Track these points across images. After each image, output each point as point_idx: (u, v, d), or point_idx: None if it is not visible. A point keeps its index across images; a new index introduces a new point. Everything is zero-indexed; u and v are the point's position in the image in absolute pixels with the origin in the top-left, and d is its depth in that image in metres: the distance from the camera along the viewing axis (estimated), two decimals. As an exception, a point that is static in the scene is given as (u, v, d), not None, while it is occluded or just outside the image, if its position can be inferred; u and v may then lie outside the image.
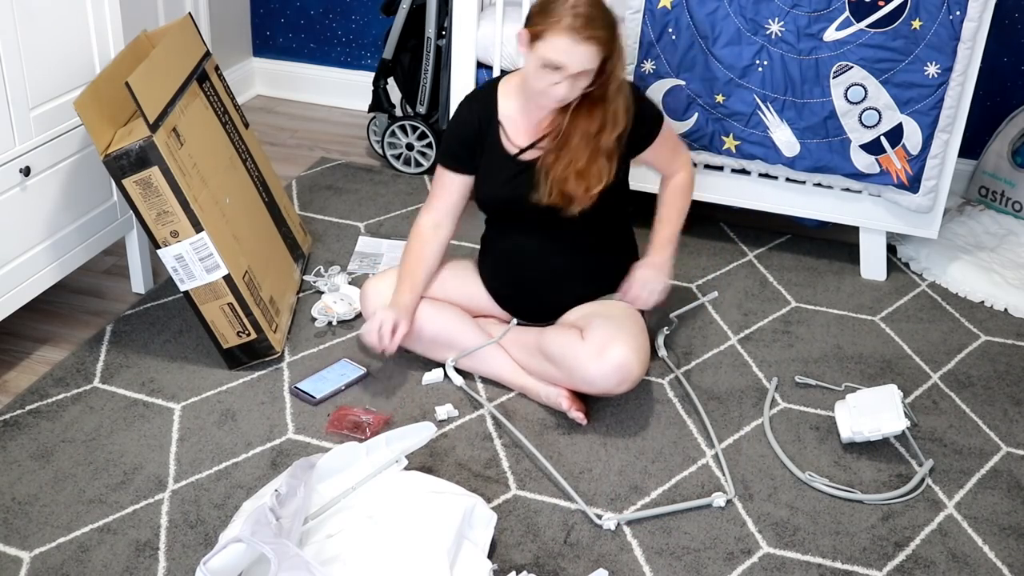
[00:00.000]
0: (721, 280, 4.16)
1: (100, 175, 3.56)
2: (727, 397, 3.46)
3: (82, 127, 3.41)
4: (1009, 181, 4.68)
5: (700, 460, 3.15)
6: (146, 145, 3.13)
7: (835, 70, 3.80)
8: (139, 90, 3.13)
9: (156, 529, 2.79)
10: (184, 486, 2.95)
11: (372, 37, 5.62)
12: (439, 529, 2.56)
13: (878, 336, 3.84)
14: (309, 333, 3.66)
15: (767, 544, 2.86)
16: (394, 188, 4.81)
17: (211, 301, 3.32)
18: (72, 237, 3.49)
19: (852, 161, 3.93)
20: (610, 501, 2.97)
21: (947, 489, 3.10)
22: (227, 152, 3.67)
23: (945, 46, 3.70)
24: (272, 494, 2.46)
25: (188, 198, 3.20)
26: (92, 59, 3.48)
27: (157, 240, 3.24)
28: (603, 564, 2.74)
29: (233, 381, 3.40)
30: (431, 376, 3.44)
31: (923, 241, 4.37)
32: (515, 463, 3.10)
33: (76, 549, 2.71)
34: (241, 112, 3.94)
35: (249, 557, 2.38)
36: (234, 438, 3.15)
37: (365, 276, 4.01)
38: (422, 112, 4.91)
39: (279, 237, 3.86)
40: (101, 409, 3.24)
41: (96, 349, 3.51)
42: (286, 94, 5.91)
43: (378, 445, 2.80)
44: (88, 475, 2.97)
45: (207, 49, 3.80)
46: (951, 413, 3.44)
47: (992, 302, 4.08)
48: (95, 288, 3.92)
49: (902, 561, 2.82)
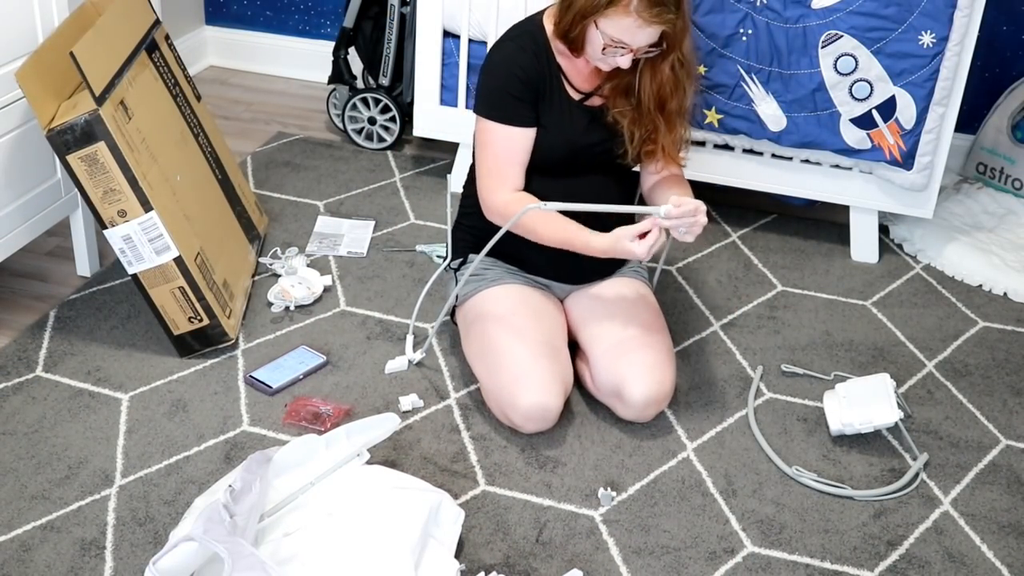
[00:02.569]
0: (703, 262, 4.17)
1: (43, 151, 3.55)
2: (709, 387, 3.47)
3: (24, 100, 3.40)
4: (1008, 157, 4.70)
5: (680, 454, 3.16)
6: (92, 119, 3.12)
7: (824, 39, 3.80)
8: (84, 61, 3.12)
9: (102, 527, 2.79)
10: (132, 481, 2.94)
11: (332, 4, 5.61)
12: (403, 527, 2.57)
13: (869, 322, 3.86)
14: (265, 319, 3.66)
15: (751, 543, 2.87)
16: (355, 165, 4.81)
17: (161, 285, 3.31)
18: (13, 217, 3.48)
19: (842, 136, 3.94)
20: (584, 497, 2.98)
21: (943, 484, 3.12)
22: (178, 127, 3.66)
23: (940, 14, 3.71)
24: (226, 490, 2.45)
25: (136, 175, 3.19)
26: (35, 27, 3.46)
27: (104, 220, 3.23)
28: (577, 564, 2.75)
29: (184, 370, 3.40)
30: (394, 365, 3.44)
31: (917, 221, 4.38)
32: (484, 457, 3.10)
33: (18, 548, 2.70)
34: (193, 84, 3.93)
35: (201, 557, 2.37)
36: (185, 430, 3.14)
37: (324, 258, 4.01)
38: (385, 84, 4.90)
39: (233, 217, 3.85)
40: (44, 399, 3.23)
41: (39, 336, 3.51)
42: (240, 65, 5.89)
43: (338, 438, 2.79)
44: (30, 470, 2.96)
45: (156, 17, 3.78)
46: (947, 404, 3.46)
47: (990, 286, 4.10)
48: (37, 271, 3.90)
49: (895, 561, 2.84)
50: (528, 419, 3.11)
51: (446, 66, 4.32)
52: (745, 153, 4.17)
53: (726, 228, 4.43)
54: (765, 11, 3.80)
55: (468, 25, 4.20)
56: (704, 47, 3.89)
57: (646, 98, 3.21)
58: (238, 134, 5.07)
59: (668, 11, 2.97)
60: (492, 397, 3.21)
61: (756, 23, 3.83)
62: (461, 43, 4.24)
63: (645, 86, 3.20)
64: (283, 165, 4.76)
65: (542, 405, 3.09)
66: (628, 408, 3.19)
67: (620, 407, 3.22)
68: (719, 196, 4.53)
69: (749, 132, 4.02)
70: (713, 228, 4.41)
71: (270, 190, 4.53)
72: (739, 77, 3.92)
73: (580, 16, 3.04)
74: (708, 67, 3.92)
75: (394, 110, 4.86)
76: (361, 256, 4.05)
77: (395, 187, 4.61)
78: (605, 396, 3.26)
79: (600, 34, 3.03)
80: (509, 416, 3.15)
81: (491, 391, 3.21)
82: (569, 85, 3.26)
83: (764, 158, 4.16)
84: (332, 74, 5.02)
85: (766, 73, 3.89)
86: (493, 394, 3.20)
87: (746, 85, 3.92)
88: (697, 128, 4.06)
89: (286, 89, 5.68)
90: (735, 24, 3.84)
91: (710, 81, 3.95)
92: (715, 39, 3.87)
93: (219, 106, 5.37)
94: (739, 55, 3.88)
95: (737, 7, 3.82)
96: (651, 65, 3.17)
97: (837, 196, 4.18)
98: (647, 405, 3.18)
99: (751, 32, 3.84)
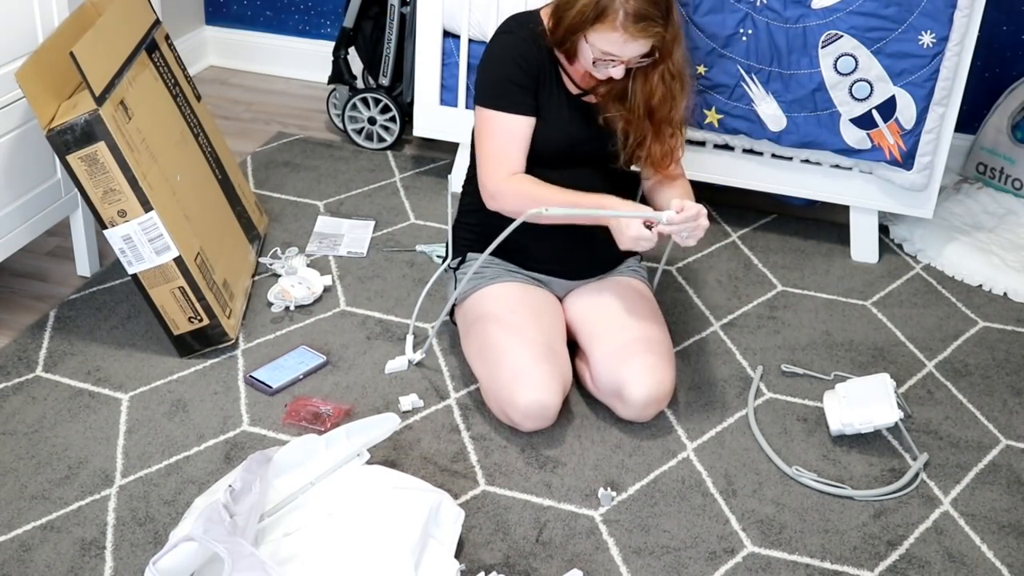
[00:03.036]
0: (703, 262, 4.17)
1: (43, 151, 3.55)
2: (709, 387, 3.47)
3: (24, 100, 3.40)
4: (1008, 157, 4.70)
5: (680, 454, 3.17)
6: (92, 119, 3.12)
7: (824, 39, 3.80)
8: (84, 61, 3.12)
9: (102, 527, 2.79)
10: (132, 481, 2.94)
11: (332, 4, 5.61)
12: (403, 527, 2.57)
13: (869, 322, 3.86)
14: (265, 319, 3.66)
15: (751, 543, 2.87)
16: (355, 165, 4.81)
17: (161, 285, 3.32)
18: (13, 217, 3.48)
19: (842, 136, 3.94)
20: (584, 497, 2.98)
21: (943, 484, 3.12)
22: (178, 127, 3.66)
23: (940, 14, 3.71)
24: (226, 490, 2.45)
25: (136, 175, 3.19)
26: (35, 27, 3.46)
27: (104, 220, 3.23)
28: (577, 564, 2.75)
29: (184, 370, 3.40)
30: (394, 365, 3.44)
31: (917, 221, 4.38)
32: (484, 457, 3.10)
33: (18, 548, 2.70)
34: (193, 84, 3.93)
35: (201, 557, 2.37)
36: (185, 430, 3.15)
37: (324, 258, 4.01)
38: (385, 84, 4.90)
39: (233, 217, 3.85)
40: (44, 399, 3.23)
41: (39, 336, 3.51)
42: (240, 65, 5.89)
43: (338, 438, 2.79)
44: (30, 469, 2.96)
45: (156, 17, 3.78)
46: (947, 404, 3.46)
47: (990, 286, 4.10)
48: (38, 271, 3.90)
49: (895, 561, 2.84)
50: (527, 417, 3.11)
51: (446, 66, 4.31)
52: (745, 153, 4.17)
53: (726, 228, 4.43)
54: (765, 11, 3.80)
55: (468, 25, 4.20)
56: (704, 47, 3.89)
57: (637, 104, 3.23)
58: (238, 134, 5.07)
59: (655, 24, 3.00)
60: (491, 395, 3.21)
61: (756, 23, 3.83)
62: (461, 43, 4.24)
63: (637, 92, 3.22)
64: (283, 165, 4.76)
65: (541, 403, 3.09)
66: (628, 408, 3.19)
67: (620, 407, 3.22)
68: (719, 196, 4.53)
69: (749, 132, 4.02)
70: (713, 228, 4.41)
71: (270, 190, 4.53)
72: (739, 77, 3.92)
73: (570, 31, 3.09)
74: (708, 67, 3.92)
75: (394, 110, 4.86)
76: (361, 256, 4.05)
77: (395, 187, 4.61)
78: (605, 396, 3.26)
79: (590, 47, 3.06)
80: (508, 414, 3.15)
81: (490, 389, 3.21)
82: (568, 78, 3.28)
83: (764, 158, 4.16)
84: (332, 74, 5.02)
85: (766, 73, 3.89)
86: (492, 392, 3.20)
87: (746, 85, 3.92)
88: (697, 128, 4.06)
89: (286, 89, 5.68)
90: (735, 24, 3.84)
91: (710, 81, 3.95)
92: (715, 39, 3.87)
93: (219, 106, 5.37)
94: (739, 55, 3.88)
95: (737, 7, 3.82)
96: (643, 74, 3.20)
97: (837, 196, 4.18)
98: (647, 405, 3.18)
99: (751, 32, 3.84)
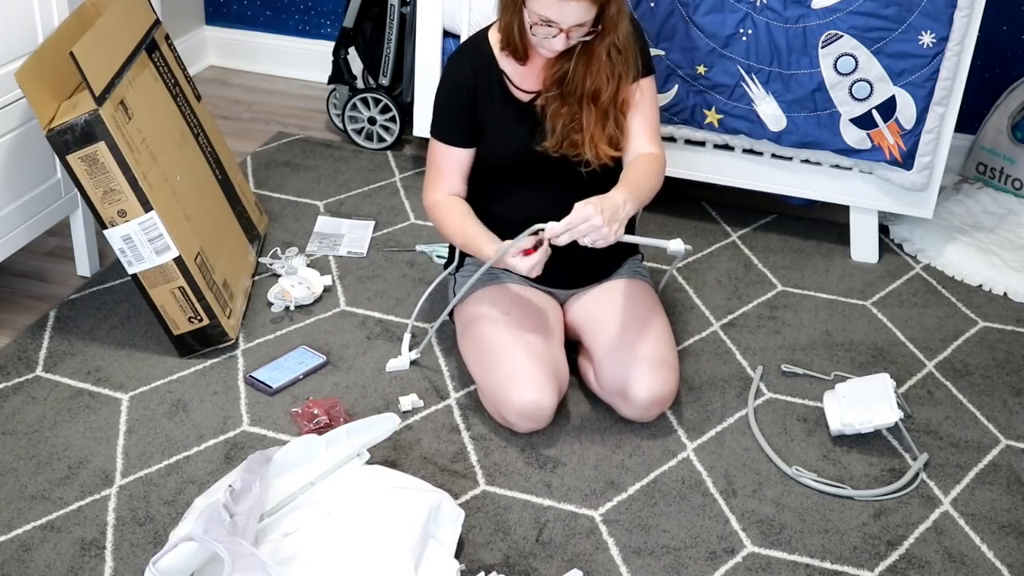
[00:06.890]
0: (703, 262, 4.17)
1: (43, 151, 3.55)
2: (709, 387, 3.47)
3: (23, 100, 3.40)
4: (1009, 157, 4.70)
5: (680, 454, 3.17)
6: (92, 119, 3.12)
7: (824, 39, 3.80)
8: (84, 61, 3.12)
9: (102, 527, 2.79)
10: (132, 481, 2.95)
11: (332, 4, 5.61)
12: (403, 527, 2.57)
13: (869, 322, 3.86)
14: (265, 319, 3.66)
15: (751, 543, 2.87)
16: (355, 165, 4.81)
17: (161, 285, 3.32)
18: (13, 217, 3.48)
19: (842, 136, 3.94)
20: (584, 497, 2.98)
21: (943, 484, 3.12)
22: (178, 127, 3.66)
23: (940, 14, 3.71)
24: (226, 490, 2.45)
25: (136, 175, 3.19)
26: (35, 27, 3.46)
27: (104, 220, 3.23)
28: (577, 564, 2.75)
29: (184, 370, 3.40)
30: (395, 364, 3.44)
31: (917, 221, 4.38)
32: (484, 457, 3.10)
33: (18, 548, 2.71)
34: (193, 84, 3.93)
35: (201, 557, 2.37)
36: (185, 430, 3.15)
37: (324, 258, 4.01)
38: (385, 84, 4.90)
39: (233, 216, 3.85)
40: (44, 399, 3.23)
41: (39, 336, 3.51)
42: (240, 65, 5.89)
43: (338, 438, 2.79)
44: (30, 469, 2.96)
45: (156, 17, 3.78)
46: (947, 404, 3.46)
47: (990, 286, 4.10)
48: (37, 271, 3.91)
49: (895, 561, 2.84)
50: (522, 417, 3.11)
51: (446, 66, 4.32)
52: (745, 153, 4.17)
53: (726, 228, 4.43)
54: (765, 11, 3.80)
55: (468, 25, 4.19)
56: (704, 47, 3.89)
57: (577, 83, 3.20)
58: (238, 134, 5.07)
59: None
60: (487, 395, 3.22)
61: (756, 23, 3.82)
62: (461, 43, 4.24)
63: (579, 72, 3.19)
64: (283, 165, 4.76)
65: (536, 403, 3.09)
66: (632, 408, 3.20)
67: (624, 406, 3.22)
68: (719, 196, 4.53)
69: (749, 132, 4.02)
70: (713, 228, 4.41)
71: (270, 190, 4.53)
72: (739, 77, 3.92)
73: (510, 4, 3.10)
74: (708, 67, 3.93)
75: (394, 110, 4.86)
76: (361, 256, 4.05)
77: (395, 187, 4.61)
78: (609, 395, 3.26)
79: (528, 14, 3.05)
80: (503, 414, 3.15)
81: (486, 389, 3.21)
82: (515, 87, 3.28)
83: (764, 158, 4.15)
84: (332, 74, 5.02)
85: (766, 73, 3.89)
86: (488, 392, 3.20)
87: (746, 85, 3.92)
88: (697, 128, 4.06)
89: (286, 89, 5.68)
90: (735, 24, 3.84)
91: (710, 81, 3.95)
92: (715, 39, 3.87)
93: (219, 106, 5.37)
94: (739, 55, 3.88)
95: (737, 7, 3.82)
96: (587, 51, 3.17)
97: (837, 196, 4.18)
98: (651, 405, 3.18)
99: (751, 32, 3.84)
